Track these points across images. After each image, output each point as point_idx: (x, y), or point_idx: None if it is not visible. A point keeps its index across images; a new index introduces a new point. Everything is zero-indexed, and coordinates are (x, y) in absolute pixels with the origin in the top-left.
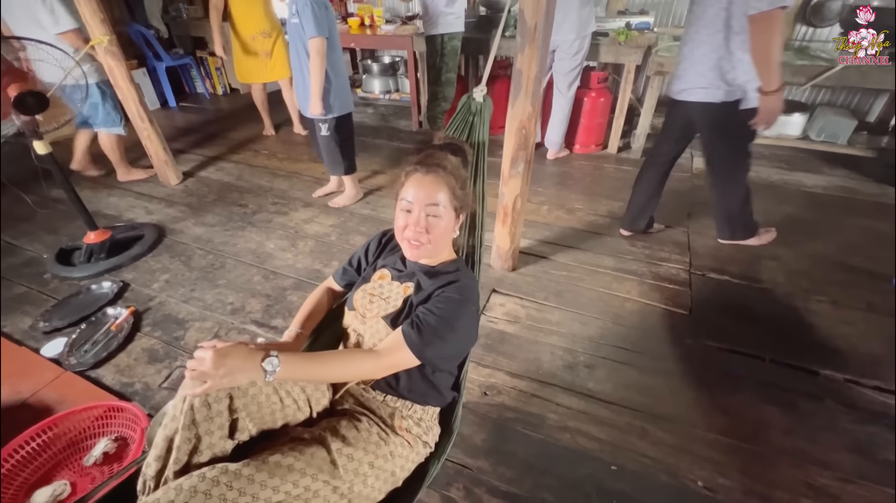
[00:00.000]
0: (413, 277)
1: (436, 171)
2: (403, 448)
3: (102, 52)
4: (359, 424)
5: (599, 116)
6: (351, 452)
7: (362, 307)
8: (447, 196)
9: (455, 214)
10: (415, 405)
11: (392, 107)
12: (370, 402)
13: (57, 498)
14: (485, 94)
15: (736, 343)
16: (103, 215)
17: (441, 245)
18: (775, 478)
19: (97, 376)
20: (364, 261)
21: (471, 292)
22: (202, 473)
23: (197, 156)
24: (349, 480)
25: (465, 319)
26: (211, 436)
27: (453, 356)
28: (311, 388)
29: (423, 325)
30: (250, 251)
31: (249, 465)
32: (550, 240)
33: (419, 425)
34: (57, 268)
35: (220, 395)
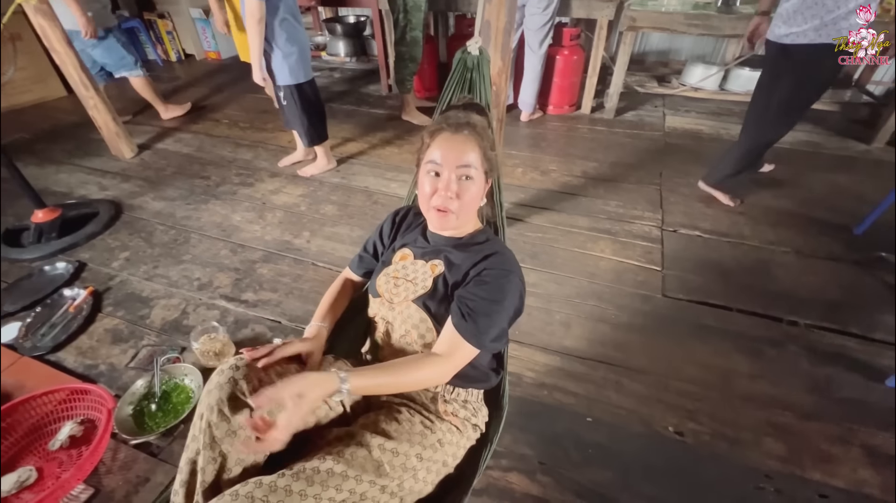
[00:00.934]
0: (440, 254)
1: (465, 128)
2: (452, 434)
3: (32, 11)
4: (399, 415)
5: (572, 75)
6: (395, 447)
7: (388, 293)
8: (479, 157)
9: (485, 178)
10: (457, 388)
11: (359, 70)
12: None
13: (23, 484)
14: (480, 45)
15: (706, 296)
16: (52, 192)
17: (469, 213)
18: (741, 421)
19: (57, 359)
20: (380, 245)
21: (512, 263)
22: (234, 491)
23: (152, 127)
24: (397, 477)
25: (512, 292)
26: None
27: (503, 334)
28: None
29: (474, 314)
30: (215, 224)
31: (285, 476)
32: (525, 202)
33: (465, 408)
34: (4, 250)
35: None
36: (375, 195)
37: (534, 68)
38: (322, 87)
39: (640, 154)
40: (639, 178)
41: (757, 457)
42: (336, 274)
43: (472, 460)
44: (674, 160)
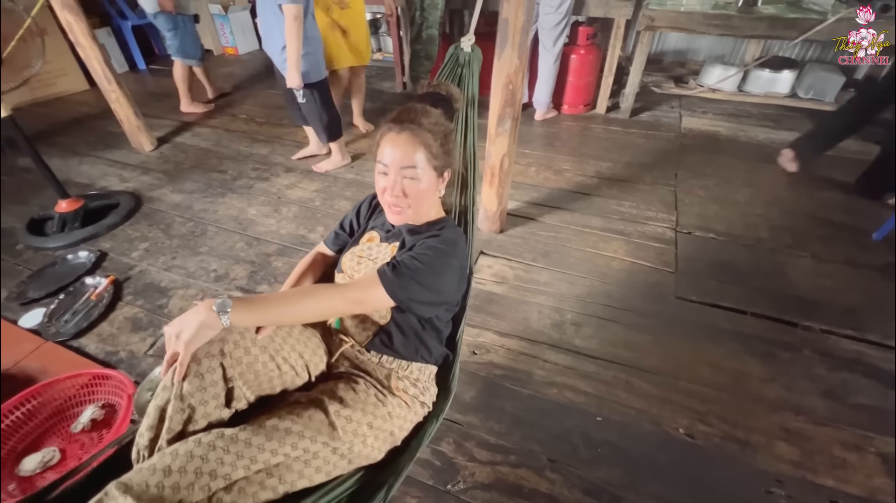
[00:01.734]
0: (399, 236)
1: (410, 128)
2: (401, 408)
3: (59, 6)
4: (356, 386)
5: (588, 75)
6: (349, 414)
7: (350, 269)
8: (424, 155)
9: (436, 173)
10: (411, 365)
11: (375, 67)
12: (366, 365)
13: (46, 464)
14: (473, 43)
15: (719, 298)
16: (75, 184)
17: (424, 207)
18: (753, 424)
19: (79, 345)
20: (356, 224)
21: (454, 246)
22: (198, 438)
23: (171, 121)
24: (348, 441)
25: (446, 271)
26: (206, 405)
27: (429, 304)
28: (309, 353)
29: (399, 266)
30: (232, 218)
31: (246, 430)
32: (538, 201)
33: (416, 385)
34: (29, 238)
35: (212, 366)
36: None
37: (548, 67)
38: None
39: (655, 155)
40: (653, 179)
41: (768, 460)
42: None
43: (416, 435)
44: (690, 161)
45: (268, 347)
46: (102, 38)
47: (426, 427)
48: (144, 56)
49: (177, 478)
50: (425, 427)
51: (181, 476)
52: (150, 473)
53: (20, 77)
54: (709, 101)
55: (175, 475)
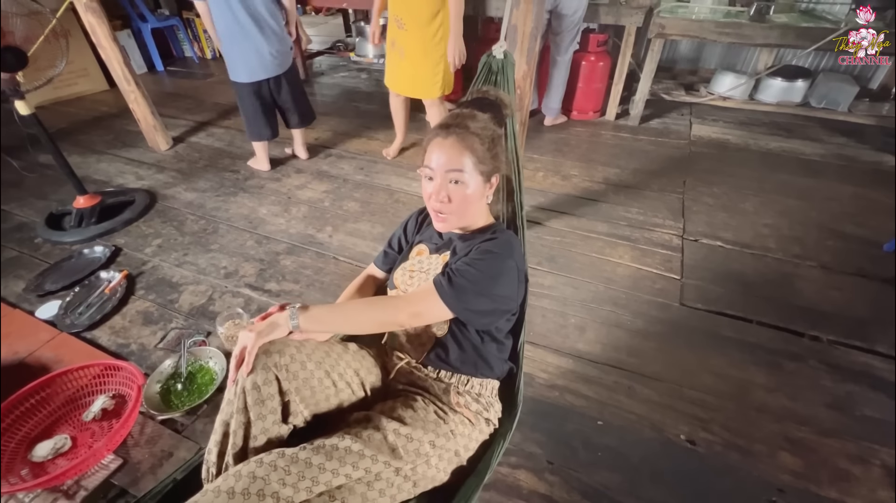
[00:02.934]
0: (450, 245)
1: (456, 132)
2: (464, 426)
3: (83, 9)
4: (415, 404)
5: (598, 81)
6: (409, 432)
7: (403, 284)
8: (471, 160)
9: (483, 178)
10: (471, 380)
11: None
12: (423, 381)
13: (58, 450)
14: (505, 50)
15: (725, 306)
16: (93, 180)
17: (469, 214)
18: (756, 433)
19: (93, 337)
20: (404, 241)
21: (510, 248)
22: (259, 459)
23: (187, 121)
24: (411, 461)
25: (504, 275)
26: (263, 419)
27: (489, 313)
28: (364, 371)
29: (454, 275)
30: (243, 216)
31: (306, 449)
32: (545, 206)
33: (478, 401)
34: (48, 232)
35: (268, 378)
36: (397, 194)
37: (559, 74)
38: (350, 88)
39: (663, 162)
40: (661, 186)
41: (771, 470)
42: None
43: (484, 454)
44: (698, 169)
45: (323, 363)
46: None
47: (493, 446)
48: (162, 58)
49: (240, 501)
50: (493, 446)
51: (244, 499)
52: (214, 496)
53: (44, 76)
54: (719, 109)
55: (239, 497)
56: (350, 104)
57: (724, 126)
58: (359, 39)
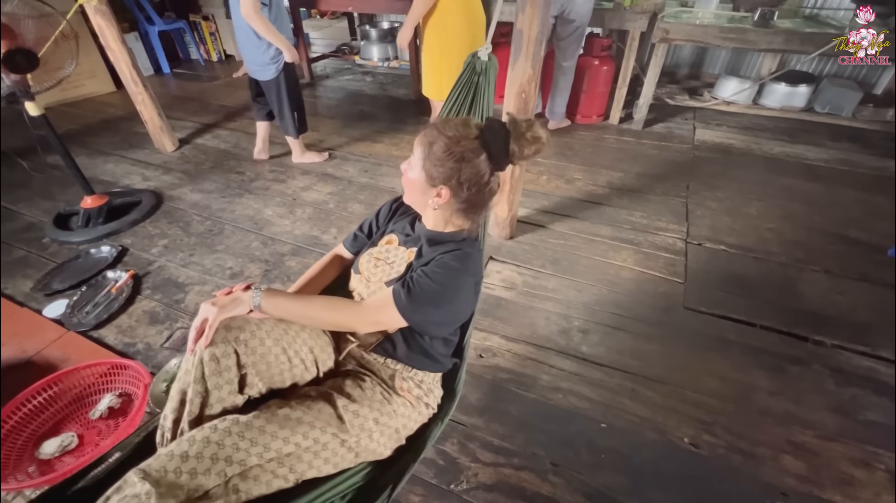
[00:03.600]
0: (418, 243)
1: (429, 126)
2: (406, 408)
3: (92, 12)
4: (363, 384)
5: (602, 86)
6: (356, 408)
7: (367, 271)
8: (421, 152)
9: (426, 177)
10: (414, 369)
11: (391, 75)
12: (372, 364)
13: (65, 448)
14: (490, 52)
15: (728, 310)
16: (100, 181)
17: (413, 200)
18: (759, 436)
19: (99, 336)
20: (375, 227)
21: (471, 263)
22: (214, 425)
23: (193, 123)
24: (356, 434)
25: (462, 290)
26: (220, 390)
27: (442, 324)
28: (318, 350)
29: (414, 287)
30: (248, 218)
31: (260, 417)
32: (549, 209)
33: (420, 387)
34: (55, 232)
35: (227, 351)
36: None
37: (563, 78)
38: (354, 91)
39: (667, 166)
40: (665, 190)
41: (774, 473)
42: None
43: (421, 435)
44: (702, 173)
45: (280, 340)
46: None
47: (431, 428)
48: (169, 60)
49: (194, 464)
50: (430, 428)
51: (198, 461)
52: (167, 459)
53: (54, 78)
54: (723, 114)
55: (192, 461)
56: (355, 107)
57: (728, 130)
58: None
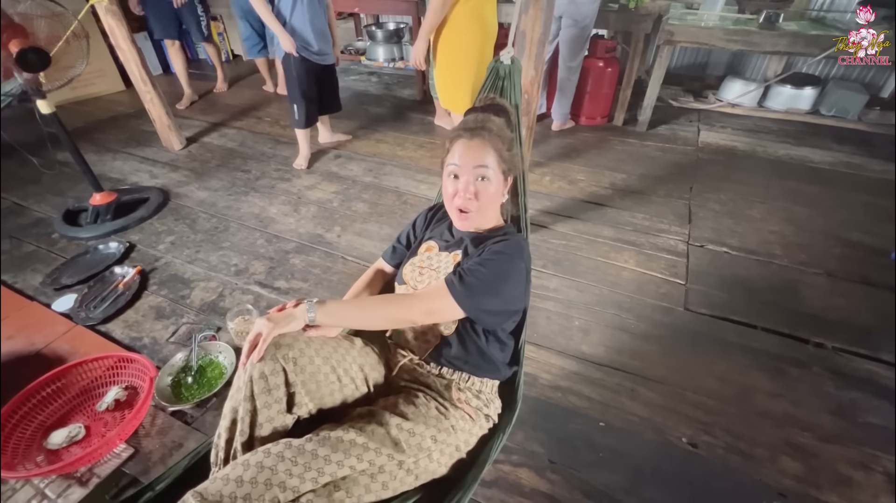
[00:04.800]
0: (461, 244)
1: (481, 134)
2: (465, 421)
3: (103, 11)
4: (416, 400)
5: (606, 87)
6: (412, 427)
7: (413, 280)
8: (495, 158)
9: (503, 177)
10: (472, 377)
11: (396, 75)
12: (426, 377)
13: (72, 439)
14: (513, 56)
15: (729, 312)
16: (108, 178)
17: (490, 211)
18: (757, 437)
19: (107, 330)
20: (413, 237)
21: (521, 250)
22: (267, 449)
23: (200, 122)
24: (413, 455)
25: (513, 276)
26: (269, 408)
27: (498, 313)
28: (368, 368)
29: (466, 275)
30: (253, 215)
31: (312, 441)
32: (551, 210)
33: (478, 397)
34: (64, 228)
35: (276, 369)
36: (405, 195)
37: (567, 80)
38: (360, 91)
39: (670, 168)
40: (668, 192)
41: (772, 474)
42: (364, 268)
43: (483, 448)
44: (705, 175)
45: (330, 358)
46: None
47: (492, 441)
48: None
49: (248, 489)
50: (492, 441)
51: (252, 487)
52: (223, 484)
53: (65, 76)
54: (728, 116)
55: (247, 486)
56: (360, 107)
57: (733, 133)
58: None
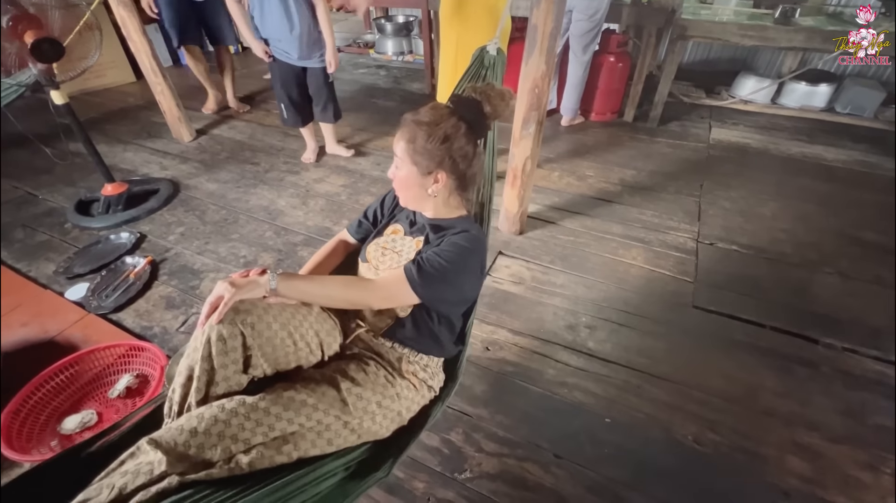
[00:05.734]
0: (423, 231)
1: (406, 122)
2: (409, 391)
3: (115, 3)
4: (367, 367)
5: (617, 82)
6: (360, 392)
7: (375, 259)
8: (404, 147)
9: (419, 170)
10: (420, 353)
11: (405, 69)
12: (379, 348)
13: (85, 424)
14: (498, 47)
15: (738, 310)
16: (119, 169)
17: (411, 198)
18: (764, 436)
19: (118, 319)
20: (380, 214)
21: (478, 244)
22: (221, 404)
23: (209, 114)
24: (359, 417)
25: (470, 268)
26: (225, 369)
27: (452, 302)
28: (324, 334)
29: (424, 265)
30: (262, 208)
31: (265, 399)
32: (559, 206)
33: (425, 370)
34: (77, 218)
35: (234, 332)
36: None
37: (577, 74)
38: (368, 84)
39: (681, 164)
40: (678, 189)
41: (777, 473)
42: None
43: (423, 415)
44: (716, 172)
45: (287, 324)
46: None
47: (432, 410)
48: None
49: (202, 440)
50: (431, 410)
51: (206, 438)
52: (178, 432)
53: (78, 67)
54: (740, 113)
55: (200, 436)
56: (369, 100)
57: (745, 130)
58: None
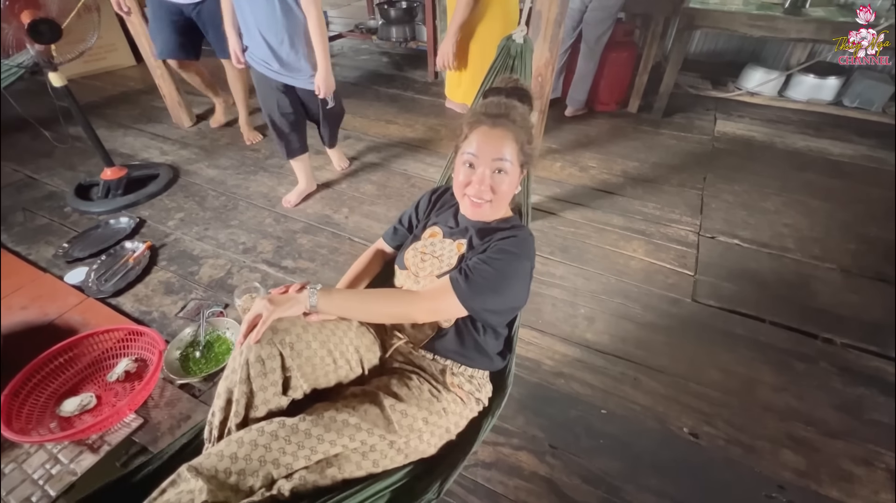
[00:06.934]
0: (466, 233)
1: (503, 123)
2: (456, 404)
3: None
4: (409, 382)
5: (622, 73)
6: (404, 408)
7: (414, 266)
8: (515, 151)
9: (520, 170)
10: (464, 365)
11: (408, 56)
12: (420, 360)
13: (84, 407)
14: (525, 34)
15: (738, 304)
16: (119, 154)
17: (503, 204)
18: (759, 430)
19: (117, 303)
20: (415, 220)
21: (528, 248)
22: (261, 427)
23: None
24: (405, 435)
25: (519, 275)
26: (265, 391)
27: (501, 312)
28: (364, 349)
29: (472, 274)
30: (262, 195)
31: (306, 420)
32: (561, 197)
33: (471, 382)
34: (76, 202)
35: (272, 353)
36: (413, 178)
37: (587, 65)
38: (370, 71)
39: (684, 157)
40: (681, 181)
41: (772, 467)
42: None
43: (472, 430)
44: (720, 166)
45: (327, 342)
46: None
47: (481, 424)
48: None
49: (242, 465)
50: (480, 423)
51: (246, 463)
52: (217, 459)
53: (77, 49)
54: (746, 106)
55: (241, 462)
56: (370, 87)
57: (751, 123)
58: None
